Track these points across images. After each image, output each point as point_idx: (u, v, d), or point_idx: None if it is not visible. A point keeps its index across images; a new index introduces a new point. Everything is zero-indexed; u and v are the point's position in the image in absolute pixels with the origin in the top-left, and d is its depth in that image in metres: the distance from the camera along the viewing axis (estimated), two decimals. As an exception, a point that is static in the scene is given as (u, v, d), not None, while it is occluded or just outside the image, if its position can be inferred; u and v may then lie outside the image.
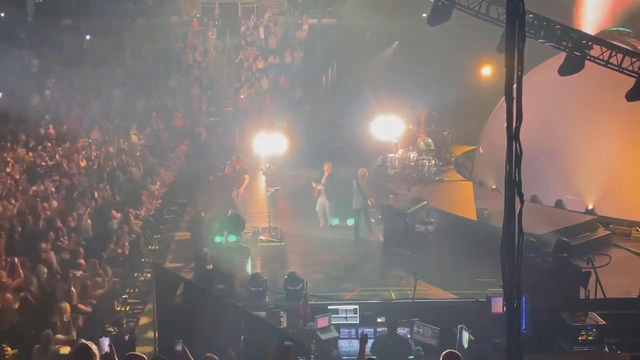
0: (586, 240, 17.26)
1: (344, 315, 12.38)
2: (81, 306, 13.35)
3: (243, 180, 19.92)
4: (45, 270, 14.18)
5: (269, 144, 20.62)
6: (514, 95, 3.94)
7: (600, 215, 19.07)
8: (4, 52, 28.82)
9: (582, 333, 11.48)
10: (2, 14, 32.93)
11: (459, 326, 11.74)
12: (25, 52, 29.69)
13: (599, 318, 11.85)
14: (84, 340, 11.52)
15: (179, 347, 8.12)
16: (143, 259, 17.75)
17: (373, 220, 18.78)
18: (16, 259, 13.79)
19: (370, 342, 10.81)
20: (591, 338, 11.46)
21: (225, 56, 34.70)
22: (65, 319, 12.27)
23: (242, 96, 31.35)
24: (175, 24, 34.94)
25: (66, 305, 12.61)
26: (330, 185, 18.67)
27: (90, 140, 23.96)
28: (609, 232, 18.40)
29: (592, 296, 12.31)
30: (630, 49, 15.93)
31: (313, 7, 35.61)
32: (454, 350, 8.32)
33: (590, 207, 19.65)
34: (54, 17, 32.83)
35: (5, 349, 11.63)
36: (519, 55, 3.97)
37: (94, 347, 6.81)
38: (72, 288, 13.43)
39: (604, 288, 12.34)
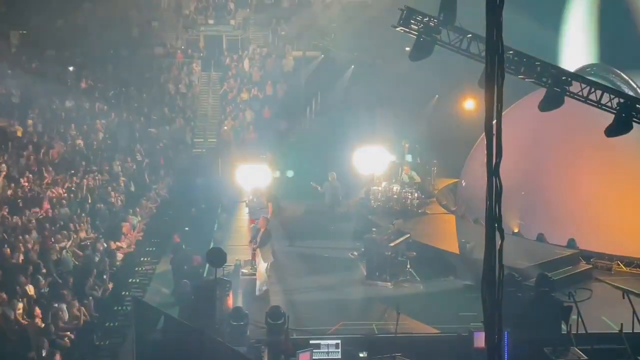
0: (568, 274, 17.29)
1: (326, 350, 12.28)
2: (59, 340, 13.15)
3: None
4: (24, 304, 13.98)
5: (252, 175, 20.59)
6: (494, 131, 3.97)
7: (581, 249, 19.14)
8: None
9: (564, 368, 11.47)
10: (-15, 44, 32.88)
11: (442, 361, 11.69)
12: (8, 83, 29.58)
13: (581, 353, 11.86)
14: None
15: None
16: (123, 292, 17.56)
17: (355, 254, 18.87)
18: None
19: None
20: (573, 373, 11.45)
21: (209, 88, 34.79)
22: (43, 354, 12.08)
23: (225, 127, 31.36)
24: (160, 56, 35.01)
25: (44, 340, 12.42)
26: (265, 243, 16.64)
27: (71, 172, 23.80)
28: (590, 266, 18.45)
29: (573, 331, 12.33)
30: (610, 85, 16.14)
31: (297, 40, 35.87)
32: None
33: (571, 240, 19.70)
34: (38, 48, 32.82)
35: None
36: (498, 93, 4.02)
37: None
38: (51, 322, 13.24)
39: (585, 322, 12.34)
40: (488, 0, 3.99)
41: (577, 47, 24.16)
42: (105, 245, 18.31)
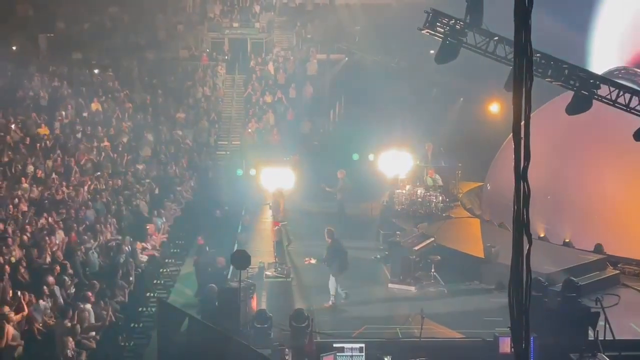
0: (595, 279, 17.09)
1: (350, 354, 12.24)
2: (85, 341, 13.25)
3: None
4: (50, 304, 14.11)
5: (276, 178, 20.61)
6: (522, 134, 3.91)
7: (609, 254, 18.90)
8: (15, 84, 29.11)
9: (591, 375, 11.33)
10: (15, 47, 33.30)
11: (466, 366, 11.60)
12: (36, 85, 29.94)
13: (608, 360, 11.70)
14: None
15: None
16: (148, 294, 17.67)
17: (378, 256, 18.78)
18: (20, 293, 13.72)
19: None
20: (600, 380, 11.30)
21: (233, 90, 34.93)
22: (69, 354, 12.17)
23: (249, 130, 31.45)
24: (185, 59, 35.25)
25: (70, 340, 12.52)
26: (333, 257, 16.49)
27: (98, 173, 24.01)
28: (617, 271, 18.23)
29: (601, 337, 12.17)
30: (638, 88, 15.94)
31: (321, 43, 35.89)
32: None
33: (598, 245, 19.48)
34: (65, 50, 33.22)
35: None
36: (526, 95, 3.96)
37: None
38: (76, 323, 13.34)
39: (613, 329, 12.18)
40: (517, 3, 3.94)
41: (606, 49, 23.84)
42: (131, 246, 18.42)
